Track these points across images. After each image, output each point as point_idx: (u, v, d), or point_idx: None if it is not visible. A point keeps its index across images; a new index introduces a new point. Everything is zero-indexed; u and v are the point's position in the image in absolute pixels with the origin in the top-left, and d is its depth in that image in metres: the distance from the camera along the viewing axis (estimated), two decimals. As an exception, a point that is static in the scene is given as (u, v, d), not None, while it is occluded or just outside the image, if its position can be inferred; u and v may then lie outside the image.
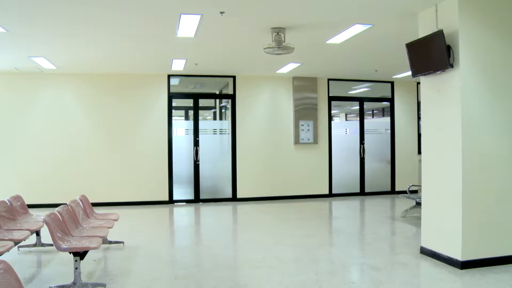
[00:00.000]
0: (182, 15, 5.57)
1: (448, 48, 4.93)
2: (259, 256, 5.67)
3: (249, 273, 5.01)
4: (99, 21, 5.83)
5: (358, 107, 11.55)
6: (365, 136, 11.43)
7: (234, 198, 10.48)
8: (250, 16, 5.72)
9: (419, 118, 11.40)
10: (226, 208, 9.81)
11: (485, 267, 4.95)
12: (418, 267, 5.25)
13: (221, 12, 5.46)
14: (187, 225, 8.52)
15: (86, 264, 5.14)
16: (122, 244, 6.20)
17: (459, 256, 4.95)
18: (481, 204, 5.00)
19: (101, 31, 6.37)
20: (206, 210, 9.60)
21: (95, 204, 6.90)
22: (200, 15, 5.59)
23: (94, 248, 4.49)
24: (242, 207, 9.86)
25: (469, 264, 4.94)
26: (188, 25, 6.00)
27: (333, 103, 11.27)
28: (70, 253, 4.44)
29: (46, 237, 5.36)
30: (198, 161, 10.34)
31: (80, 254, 4.46)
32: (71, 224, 5.06)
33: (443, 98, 5.19)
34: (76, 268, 4.42)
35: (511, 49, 5.16)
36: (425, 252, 5.55)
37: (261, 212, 9.24)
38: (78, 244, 4.51)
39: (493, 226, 5.07)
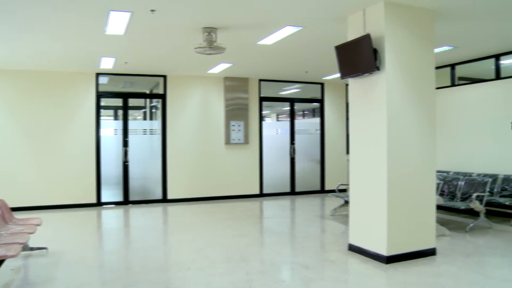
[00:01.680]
0: (111, 12, 5.38)
1: (375, 51, 5.12)
2: (190, 257, 5.61)
3: (180, 275, 4.93)
4: (21, 17, 5.48)
5: (289, 107, 11.74)
6: (296, 136, 11.64)
7: (164, 199, 10.30)
8: (181, 15, 5.63)
9: (347, 119, 11.78)
10: (156, 210, 9.61)
11: (408, 261, 5.23)
12: (347, 264, 5.41)
13: (152, 10, 5.34)
14: (115, 228, 8.24)
15: (2, 274, 4.82)
16: (45, 250, 5.88)
17: (384, 252, 5.16)
18: (405, 202, 5.25)
19: (24, 27, 5.98)
20: (136, 212, 9.36)
21: (16, 209, 6.52)
22: (130, 13, 5.42)
23: (12, 256, 4.18)
24: (172, 208, 9.71)
25: (394, 258, 5.17)
26: (117, 23, 5.80)
27: (264, 103, 11.38)
28: (-16, 262, 4.15)
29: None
30: (128, 162, 10.06)
31: (-4, 263, 4.18)
32: (-13, 230, 4.73)
33: (370, 99, 5.38)
34: (-8, 278, 4.14)
35: (432, 53, 5.47)
36: (353, 249, 5.73)
37: (191, 213, 9.15)
38: (-6, 252, 4.22)
39: (416, 222, 5.36)
